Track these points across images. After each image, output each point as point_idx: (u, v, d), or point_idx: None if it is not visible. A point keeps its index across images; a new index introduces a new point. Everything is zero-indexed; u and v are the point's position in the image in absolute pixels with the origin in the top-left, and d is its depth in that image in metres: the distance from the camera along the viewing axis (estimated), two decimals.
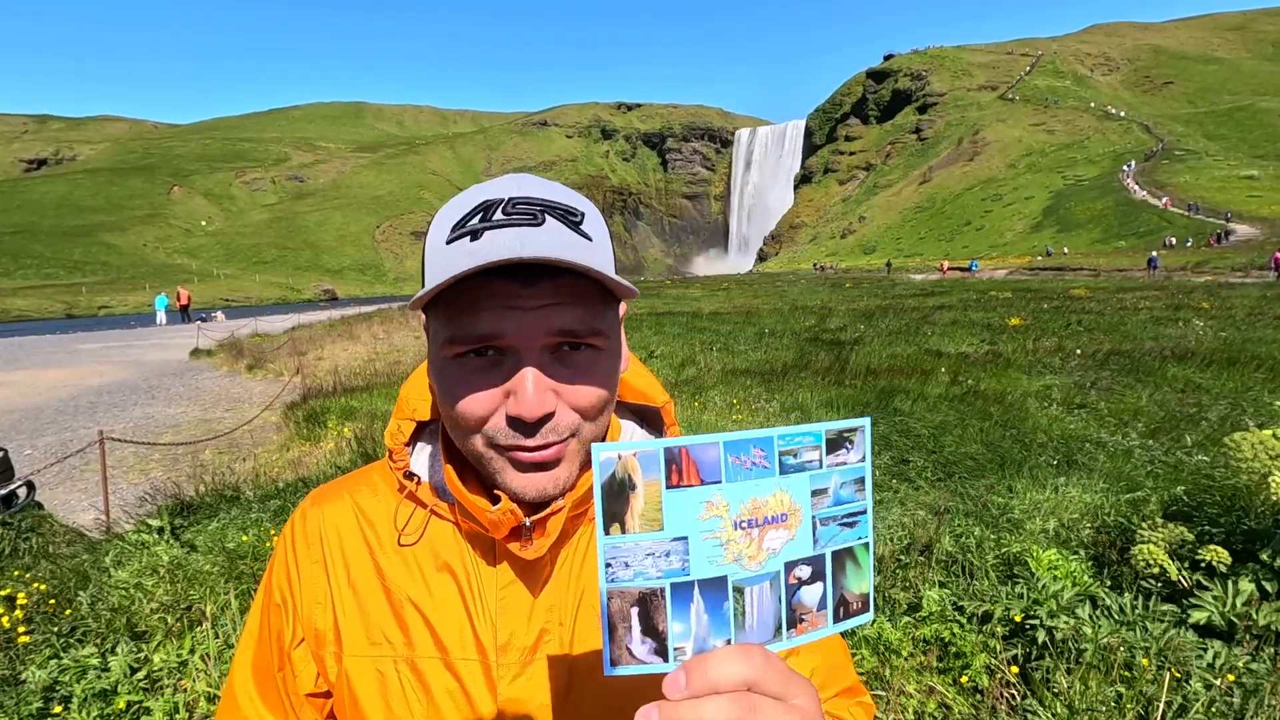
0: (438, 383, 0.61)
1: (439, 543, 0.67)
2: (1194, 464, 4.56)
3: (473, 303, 0.56)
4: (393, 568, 0.66)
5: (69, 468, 6.91)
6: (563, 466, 0.61)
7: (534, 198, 0.58)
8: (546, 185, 0.61)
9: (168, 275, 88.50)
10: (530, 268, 0.55)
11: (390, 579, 0.66)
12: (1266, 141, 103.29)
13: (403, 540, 0.67)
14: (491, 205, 0.57)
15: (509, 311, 0.56)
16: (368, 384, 10.85)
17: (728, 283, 45.94)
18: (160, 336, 24.88)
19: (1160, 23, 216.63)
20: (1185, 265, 35.62)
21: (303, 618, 0.68)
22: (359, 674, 0.64)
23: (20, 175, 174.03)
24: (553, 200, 0.59)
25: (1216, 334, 10.80)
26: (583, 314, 0.57)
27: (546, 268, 0.55)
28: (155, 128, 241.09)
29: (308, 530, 0.70)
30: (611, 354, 0.62)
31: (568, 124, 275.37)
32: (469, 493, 0.62)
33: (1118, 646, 2.23)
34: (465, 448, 0.62)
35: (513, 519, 0.61)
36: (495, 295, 0.56)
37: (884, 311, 17.77)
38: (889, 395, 7.40)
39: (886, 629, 2.54)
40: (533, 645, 0.64)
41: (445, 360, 0.59)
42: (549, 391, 0.57)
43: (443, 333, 0.58)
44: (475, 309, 0.56)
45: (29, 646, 2.70)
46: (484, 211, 0.57)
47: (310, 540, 0.70)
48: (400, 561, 0.67)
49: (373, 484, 0.72)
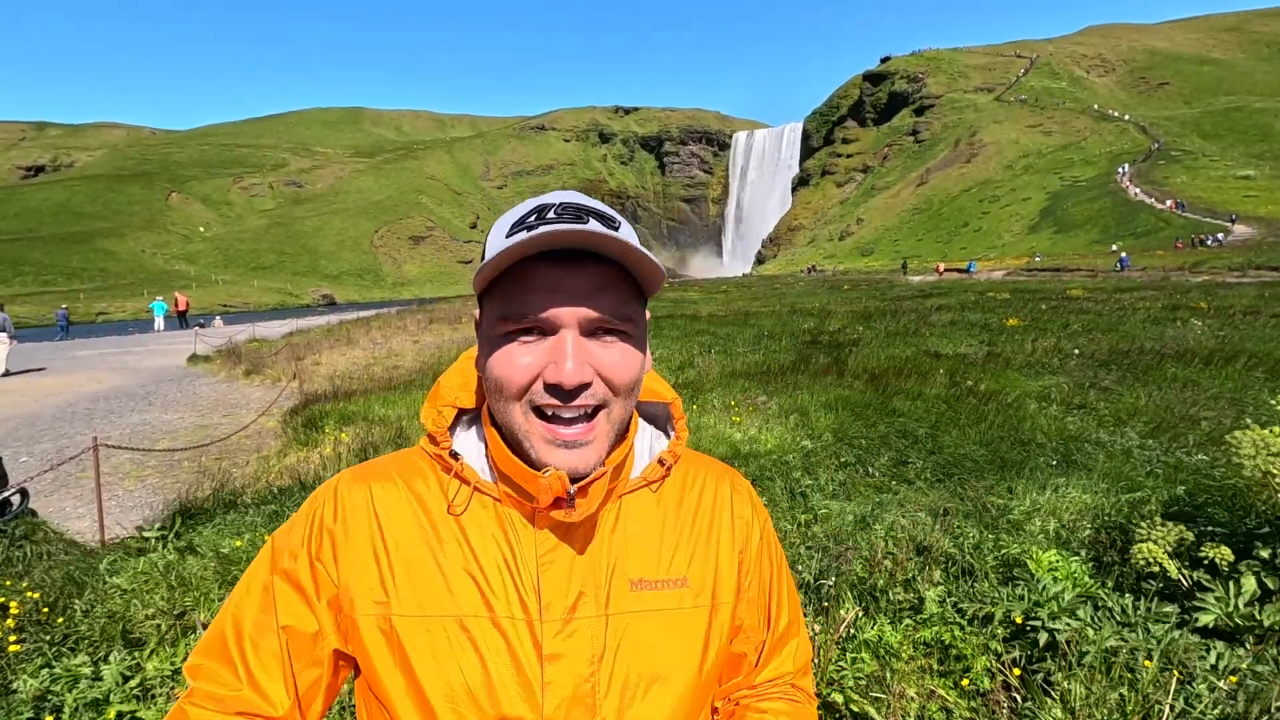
0: (488, 358, 0.70)
1: (483, 515, 0.74)
2: (1194, 463, 4.54)
3: (523, 286, 0.66)
4: (441, 537, 0.73)
5: (64, 474, 6.87)
6: (593, 447, 0.69)
7: (580, 204, 0.70)
8: (590, 199, 0.72)
9: (166, 281, 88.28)
10: (573, 258, 0.66)
11: (439, 547, 0.73)
12: (1262, 141, 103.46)
13: (452, 510, 0.74)
14: (545, 208, 0.69)
15: (554, 294, 0.66)
16: (366, 389, 10.81)
17: (726, 285, 45.93)
18: (158, 342, 24.81)
19: (1155, 24, 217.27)
20: (1183, 265, 35.65)
21: (340, 581, 0.73)
22: (409, 633, 0.70)
23: (18, 183, 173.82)
24: (595, 208, 0.70)
25: (1214, 333, 10.80)
26: (617, 302, 0.68)
27: (588, 259, 0.67)
28: (153, 134, 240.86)
29: (354, 502, 0.75)
30: (639, 342, 0.72)
31: (565, 128, 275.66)
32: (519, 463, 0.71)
33: (1120, 648, 2.20)
34: (506, 419, 0.70)
35: (560, 485, 0.68)
36: (543, 279, 0.66)
37: (882, 313, 17.76)
38: (888, 396, 7.39)
39: (887, 631, 2.52)
40: (572, 605, 0.71)
41: (496, 338, 0.69)
42: (586, 364, 0.67)
43: (496, 313, 0.69)
44: (525, 291, 0.66)
45: (20, 655, 2.67)
46: (539, 213, 0.68)
47: (356, 511, 0.75)
48: (448, 531, 0.73)
49: (415, 464, 0.78)
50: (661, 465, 0.80)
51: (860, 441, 5.84)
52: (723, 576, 0.80)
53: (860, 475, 5.03)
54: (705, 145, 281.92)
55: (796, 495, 4.54)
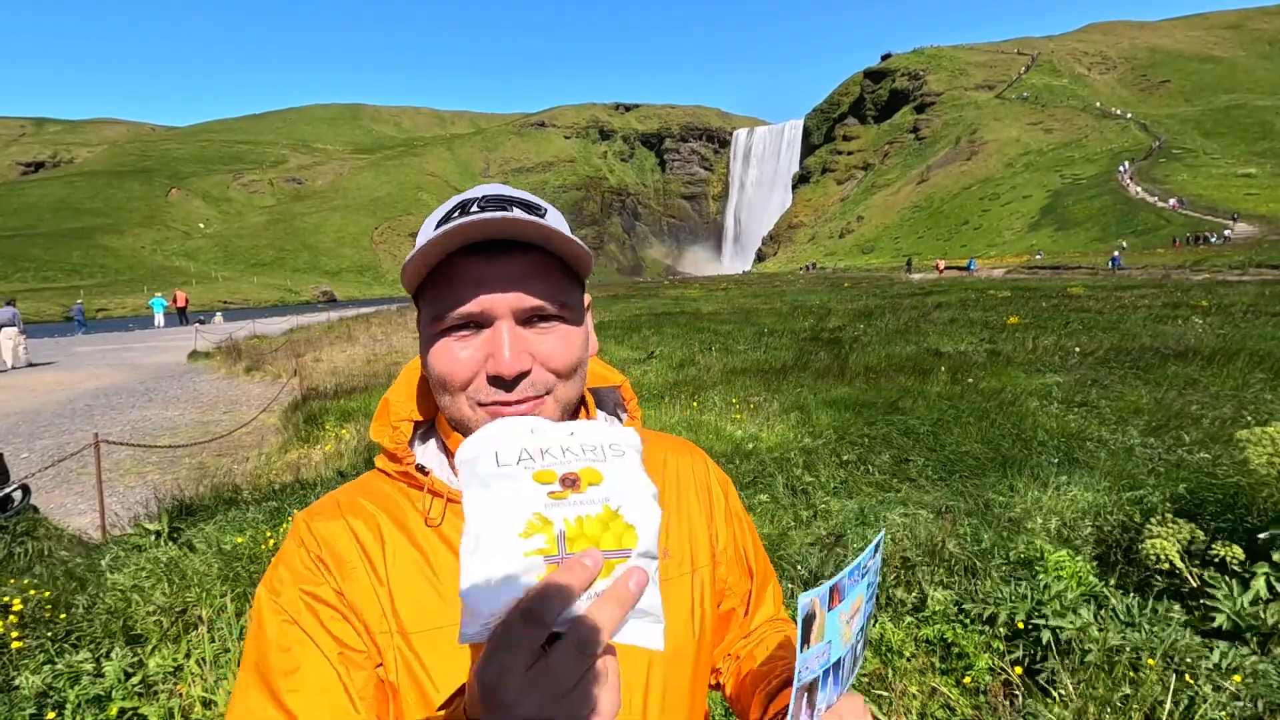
0: (427, 358, 0.70)
1: (460, 522, 0.70)
2: (1195, 462, 4.54)
3: (451, 283, 0.66)
4: (427, 550, 0.71)
5: (65, 471, 6.87)
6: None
7: (503, 195, 0.69)
8: (516, 191, 0.71)
9: (166, 278, 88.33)
10: (500, 248, 0.66)
11: (428, 560, 0.70)
12: (1263, 139, 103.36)
13: (430, 522, 0.72)
14: (469, 202, 0.68)
15: (483, 286, 0.65)
16: (366, 385, 10.81)
17: (726, 283, 45.89)
18: (158, 339, 24.81)
19: (1156, 21, 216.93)
20: (1183, 263, 35.64)
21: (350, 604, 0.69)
22: (424, 647, 0.67)
23: (17, 179, 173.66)
24: (519, 197, 0.70)
25: (1215, 331, 10.79)
26: (548, 289, 0.67)
27: (514, 248, 0.66)
28: (153, 130, 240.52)
29: (333, 533, 0.71)
30: (578, 325, 0.71)
31: (565, 125, 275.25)
32: None
33: (1123, 647, 2.20)
34: (453, 414, 0.69)
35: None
36: (470, 273, 0.65)
37: (882, 311, 17.75)
38: (889, 394, 7.39)
39: (889, 630, 2.52)
40: None
41: (432, 337, 0.68)
42: (524, 353, 0.66)
43: (430, 312, 0.68)
44: (453, 287, 0.66)
45: (22, 652, 2.67)
46: (462, 207, 0.68)
47: (340, 540, 0.71)
48: (432, 544, 0.71)
49: (378, 488, 0.76)
50: None
51: (861, 439, 5.84)
52: (698, 543, 0.82)
53: (861, 473, 5.03)
54: (706, 142, 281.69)
55: (798, 492, 4.54)
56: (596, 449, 0.51)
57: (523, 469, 0.48)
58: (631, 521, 0.46)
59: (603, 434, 0.53)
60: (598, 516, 0.45)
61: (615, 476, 0.49)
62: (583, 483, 0.47)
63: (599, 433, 0.54)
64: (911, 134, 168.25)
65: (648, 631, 0.46)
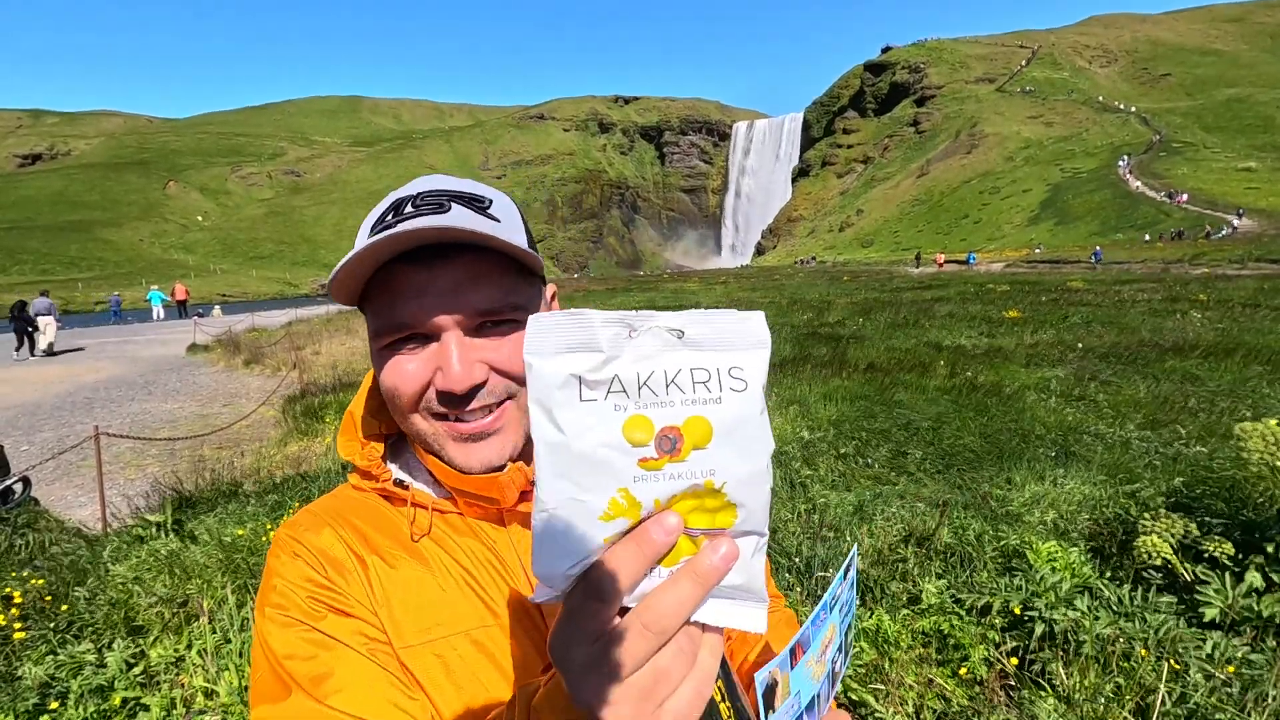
0: (377, 374, 0.65)
1: (450, 531, 0.68)
2: (1191, 455, 4.56)
3: (390, 294, 0.60)
4: (420, 559, 0.67)
5: (65, 463, 6.88)
6: (504, 435, 0.64)
7: (441, 190, 0.63)
8: (458, 181, 0.65)
9: (164, 271, 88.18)
10: (437, 253, 0.59)
11: (422, 568, 0.66)
12: (1264, 133, 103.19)
13: (415, 535, 0.67)
14: (402, 202, 0.62)
15: (424, 297, 0.59)
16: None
17: (725, 276, 45.87)
18: (157, 332, 24.79)
19: (1158, 14, 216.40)
20: (1182, 258, 35.64)
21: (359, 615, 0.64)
22: (417, 663, 0.62)
23: (14, 171, 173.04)
24: (459, 190, 0.64)
25: (1214, 326, 10.81)
26: (497, 292, 0.62)
27: (455, 252, 0.59)
28: (150, 122, 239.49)
29: (323, 543, 0.66)
30: None
31: (565, 117, 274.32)
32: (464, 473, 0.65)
33: (1116, 638, 2.22)
34: (411, 430, 0.65)
35: (522, 477, 0.65)
36: (409, 283, 0.59)
37: (882, 305, 17.75)
38: (888, 388, 7.40)
39: (885, 621, 2.54)
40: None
41: (378, 352, 0.64)
42: (476, 363, 0.61)
43: (372, 325, 0.63)
44: (392, 299, 0.60)
45: (25, 643, 2.69)
46: (396, 208, 0.61)
47: (332, 549, 0.66)
48: (424, 553, 0.67)
49: (357, 501, 0.71)
50: None
51: (860, 433, 5.86)
52: None
53: (860, 466, 5.05)
54: (705, 135, 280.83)
55: (796, 485, 4.56)
56: (711, 378, 0.39)
57: (612, 406, 0.37)
58: (735, 500, 0.38)
59: (723, 334, 0.41)
60: (695, 492, 0.38)
61: (730, 431, 0.38)
62: (685, 445, 0.37)
63: (718, 333, 0.40)
64: (912, 127, 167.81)
65: (746, 613, 0.40)
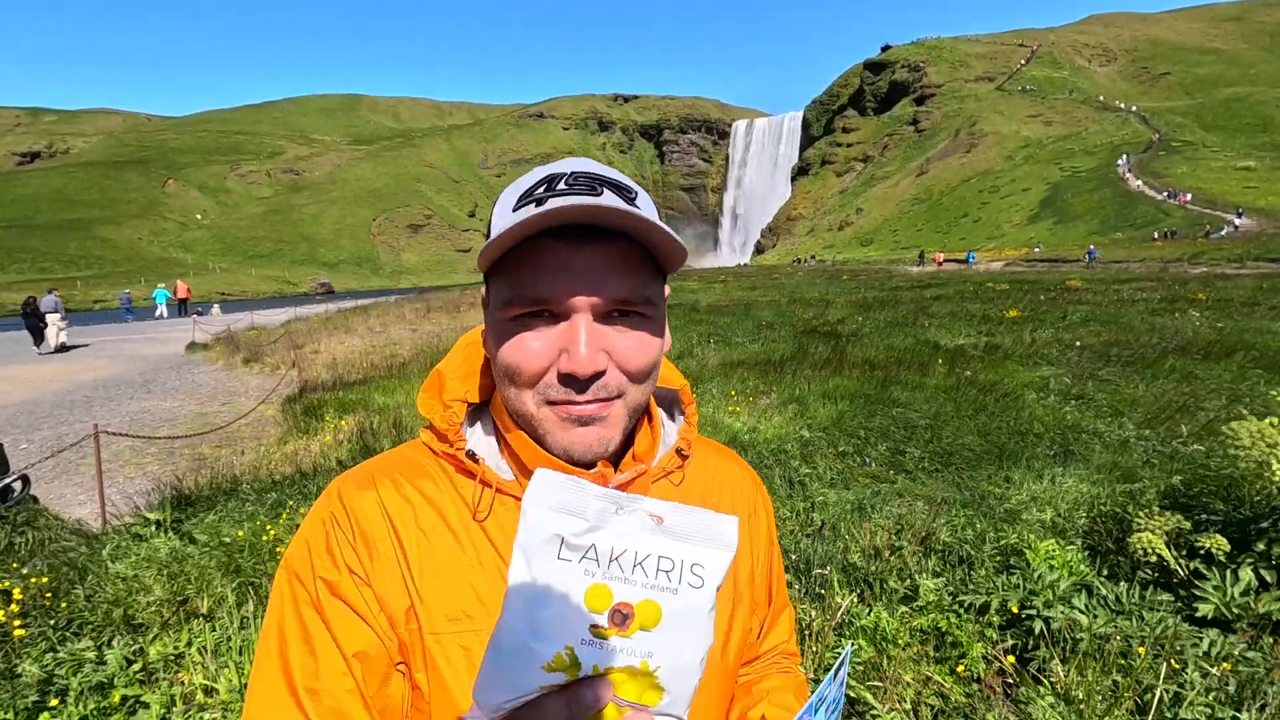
0: (496, 343, 0.64)
1: (506, 517, 0.67)
2: (1190, 454, 4.57)
3: (533, 266, 0.60)
4: (464, 544, 0.66)
5: (64, 462, 6.89)
6: (608, 425, 0.63)
7: (594, 173, 0.63)
8: (604, 167, 0.66)
9: (163, 269, 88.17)
10: (586, 234, 0.59)
11: (464, 554, 0.66)
12: (1263, 132, 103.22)
13: (477, 515, 0.67)
14: (555, 178, 0.62)
15: (565, 274, 0.59)
16: (365, 377, 10.82)
17: (725, 275, 45.87)
18: (156, 330, 24.77)
19: (1158, 13, 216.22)
20: (1181, 257, 35.66)
21: (378, 595, 0.64)
22: (442, 651, 0.63)
23: (13, 169, 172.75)
24: (610, 177, 0.64)
25: (1213, 325, 10.82)
26: (634, 282, 0.62)
27: (601, 235, 0.60)
28: (149, 121, 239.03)
29: (365, 508, 0.66)
30: (658, 324, 0.65)
31: (564, 116, 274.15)
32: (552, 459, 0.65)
33: (1114, 636, 2.23)
34: (516, 408, 0.64)
35: (601, 481, 0.64)
36: (553, 259, 0.59)
37: (881, 303, 17.77)
38: (887, 386, 7.41)
39: (883, 619, 2.54)
40: None
41: (505, 322, 0.63)
42: (601, 351, 0.61)
43: (504, 295, 0.62)
44: (533, 272, 0.60)
45: (25, 640, 2.69)
46: (548, 183, 0.62)
47: (370, 518, 0.66)
48: (471, 537, 0.66)
49: (418, 464, 0.70)
50: (680, 456, 0.76)
51: (859, 431, 5.86)
52: (741, 563, 0.78)
53: (858, 465, 5.06)
54: (705, 134, 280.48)
55: (795, 484, 4.56)
56: (675, 569, 0.43)
57: (582, 570, 0.43)
58: (664, 684, 0.42)
59: (696, 530, 0.45)
60: (630, 670, 0.42)
61: (676, 621, 0.42)
62: (633, 625, 0.42)
63: (692, 528, 0.45)
64: (911, 126, 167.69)
65: None
